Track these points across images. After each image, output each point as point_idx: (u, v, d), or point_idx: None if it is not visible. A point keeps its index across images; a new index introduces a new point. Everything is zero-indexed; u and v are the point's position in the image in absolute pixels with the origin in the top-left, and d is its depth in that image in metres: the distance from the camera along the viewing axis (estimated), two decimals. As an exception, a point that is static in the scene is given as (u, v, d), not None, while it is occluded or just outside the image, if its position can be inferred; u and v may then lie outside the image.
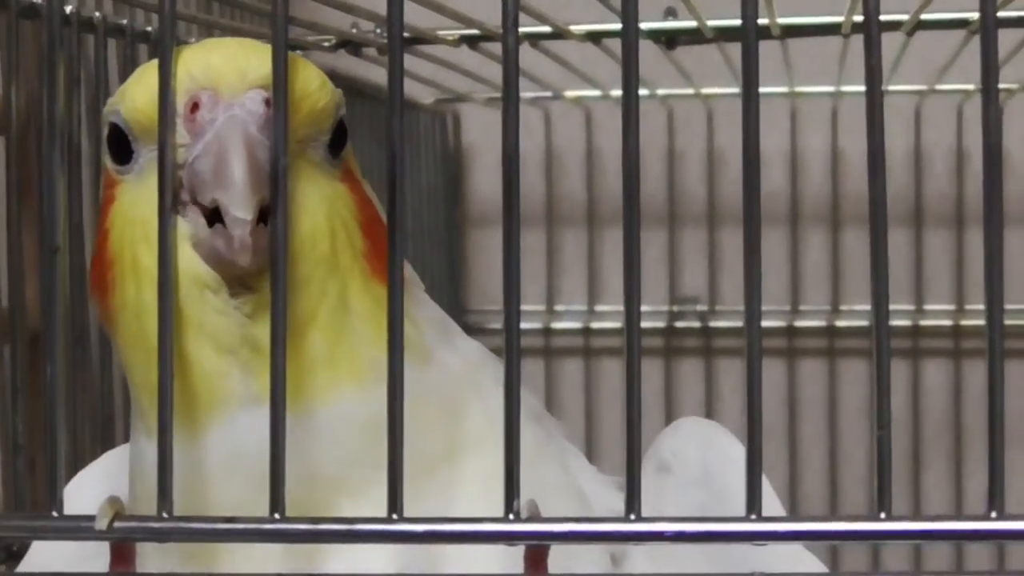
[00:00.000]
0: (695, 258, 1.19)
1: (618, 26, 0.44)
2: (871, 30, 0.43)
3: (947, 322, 1.18)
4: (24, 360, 0.70)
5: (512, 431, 0.43)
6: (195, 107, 0.48)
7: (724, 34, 0.79)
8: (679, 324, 1.18)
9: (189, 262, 0.48)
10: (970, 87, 1.09)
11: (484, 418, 0.53)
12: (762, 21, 0.78)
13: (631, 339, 0.43)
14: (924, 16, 0.78)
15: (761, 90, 0.43)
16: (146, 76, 0.50)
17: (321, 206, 0.50)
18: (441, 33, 0.84)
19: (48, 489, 0.45)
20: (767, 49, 0.93)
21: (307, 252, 0.49)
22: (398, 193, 0.44)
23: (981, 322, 1.11)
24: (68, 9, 0.72)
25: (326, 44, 0.85)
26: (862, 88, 0.42)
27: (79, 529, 0.45)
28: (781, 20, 0.80)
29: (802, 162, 1.18)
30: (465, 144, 1.21)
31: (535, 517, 0.43)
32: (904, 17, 0.79)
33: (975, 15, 0.77)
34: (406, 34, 0.83)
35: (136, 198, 0.50)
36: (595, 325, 1.19)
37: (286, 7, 0.44)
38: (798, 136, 1.17)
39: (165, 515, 0.44)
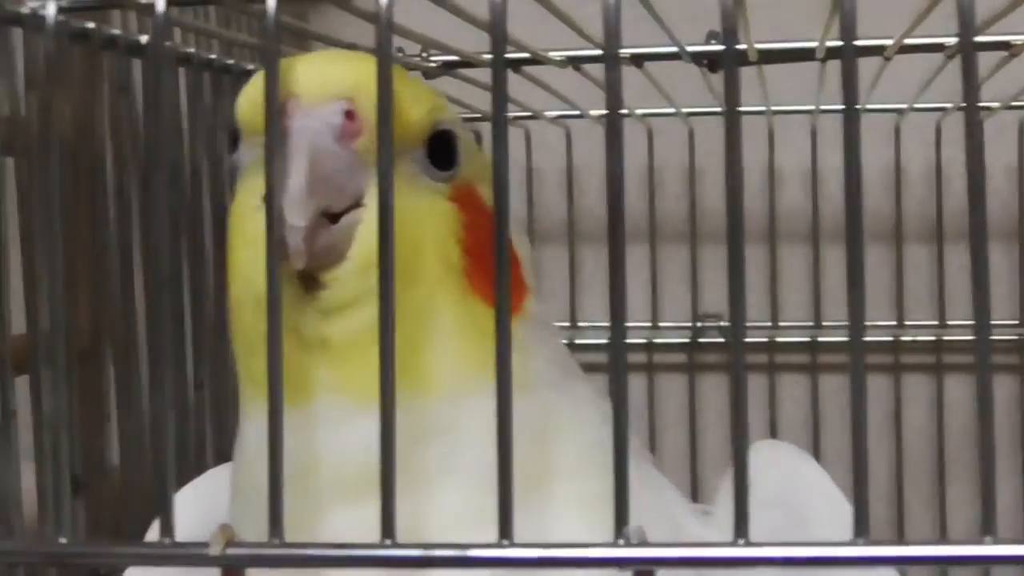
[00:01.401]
0: (717, 274, 1.20)
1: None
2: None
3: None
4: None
5: (622, 453, 0.44)
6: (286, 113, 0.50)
7: (766, 56, 0.80)
8: (702, 340, 1.19)
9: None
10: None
11: (586, 447, 0.54)
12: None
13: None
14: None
15: (784, 108, 0.44)
16: (249, 85, 0.53)
17: (406, 216, 0.51)
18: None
19: (161, 516, 0.45)
20: (793, 69, 0.94)
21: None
22: (503, 214, 0.45)
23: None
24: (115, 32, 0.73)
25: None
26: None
27: (193, 556, 0.45)
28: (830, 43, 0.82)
29: (821, 180, 1.19)
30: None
31: (644, 542, 0.44)
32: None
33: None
34: (454, 57, 0.85)
35: (238, 197, 0.53)
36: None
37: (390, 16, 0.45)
38: (818, 154, 1.18)
39: (276, 541, 0.45)
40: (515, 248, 0.56)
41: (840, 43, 0.45)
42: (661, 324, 1.20)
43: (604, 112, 0.45)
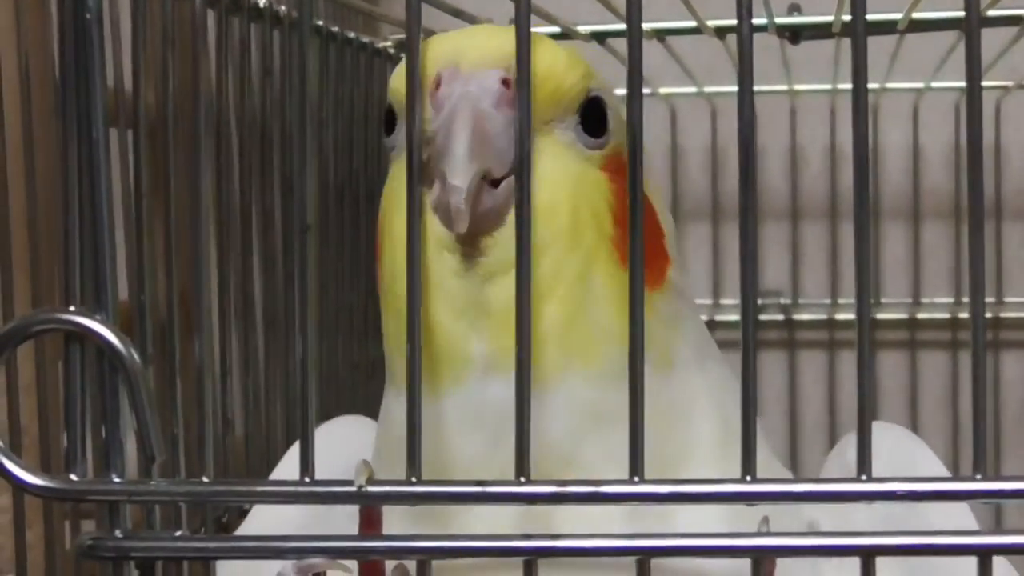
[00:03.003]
0: (778, 251, 1.21)
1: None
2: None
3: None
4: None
5: (749, 395, 0.45)
6: (439, 84, 0.51)
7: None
8: (762, 317, 1.21)
9: (431, 227, 0.51)
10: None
11: (722, 430, 0.55)
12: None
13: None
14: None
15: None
16: (403, 64, 0.53)
17: (564, 182, 0.52)
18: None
19: (301, 456, 0.47)
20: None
21: (544, 222, 0.51)
22: (637, 182, 0.46)
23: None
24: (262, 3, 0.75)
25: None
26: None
27: (334, 494, 0.47)
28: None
29: (882, 158, 1.20)
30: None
31: (769, 479, 0.46)
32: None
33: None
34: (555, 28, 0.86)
35: (396, 172, 0.54)
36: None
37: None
38: (879, 132, 1.19)
39: (414, 479, 0.46)
40: (659, 221, 0.56)
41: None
42: (723, 302, 1.22)
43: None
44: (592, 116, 0.54)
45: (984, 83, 1.05)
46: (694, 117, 1.20)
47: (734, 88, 0.49)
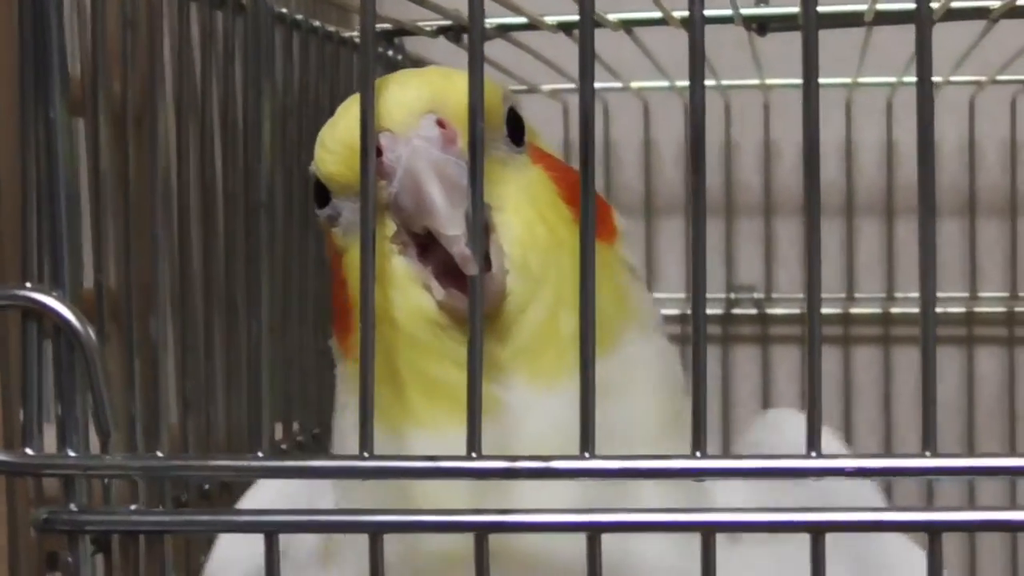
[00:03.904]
0: (752, 246, 1.22)
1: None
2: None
3: (1001, 308, 1.20)
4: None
5: (700, 375, 0.46)
6: (379, 152, 0.52)
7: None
8: (736, 311, 1.21)
9: (421, 302, 0.53)
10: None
11: (670, 406, 0.56)
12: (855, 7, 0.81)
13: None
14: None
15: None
16: (327, 137, 0.55)
17: (523, 197, 0.54)
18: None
19: (251, 429, 0.47)
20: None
21: (532, 244, 0.53)
22: (589, 169, 0.46)
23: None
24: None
25: (428, 29, 0.88)
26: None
27: (286, 468, 0.47)
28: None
29: (856, 154, 1.21)
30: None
31: (723, 455, 0.46)
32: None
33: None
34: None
35: (354, 250, 0.53)
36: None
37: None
38: (853, 128, 1.20)
39: (366, 455, 0.47)
40: (604, 200, 0.59)
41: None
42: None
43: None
44: (514, 126, 0.56)
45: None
46: (667, 111, 1.20)
47: (708, 82, 0.49)
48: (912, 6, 0.47)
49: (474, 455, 0.46)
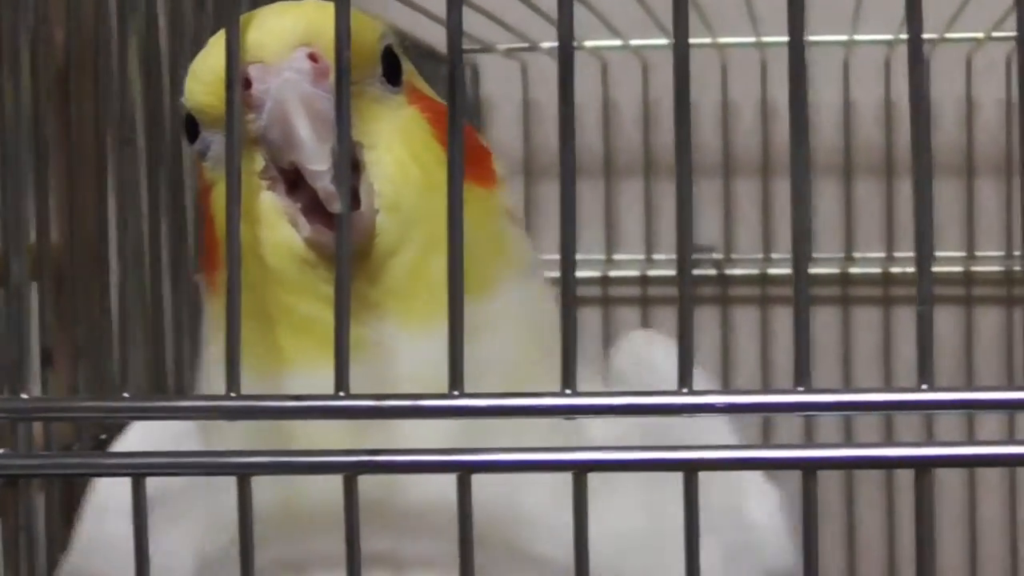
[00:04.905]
0: (710, 207, 1.21)
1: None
2: None
3: (998, 268, 1.19)
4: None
5: (570, 311, 0.45)
6: (248, 83, 0.50)
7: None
8: (695, 272, 1.20)
9: (289, 238, 0.51)
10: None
11: (538, 347, 0.55)
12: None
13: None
14: None
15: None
16: (198, 68, 0.53)
17: (396, 137, 0.53)
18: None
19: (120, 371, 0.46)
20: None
21: (404, 184, 0.52)
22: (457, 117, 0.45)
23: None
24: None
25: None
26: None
27: (145, 408, 0.47)
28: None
29: (855, 113, 1.20)
30: (484, 95, 1.22)
31: (589, 393, 0.45)
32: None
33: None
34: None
35: (222, 184, 0.52)
36: (613, 274, 1.21)
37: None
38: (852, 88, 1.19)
39: (233, 394, 0.46)
40: (483, 143, 0.58)
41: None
42: (655, 257, 1.21)
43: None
44: (390, 65, 0.55)
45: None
46: (625, 72, 1.19)
47: (663, 41, 0.48)
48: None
49: (342, 394, 0.45)
